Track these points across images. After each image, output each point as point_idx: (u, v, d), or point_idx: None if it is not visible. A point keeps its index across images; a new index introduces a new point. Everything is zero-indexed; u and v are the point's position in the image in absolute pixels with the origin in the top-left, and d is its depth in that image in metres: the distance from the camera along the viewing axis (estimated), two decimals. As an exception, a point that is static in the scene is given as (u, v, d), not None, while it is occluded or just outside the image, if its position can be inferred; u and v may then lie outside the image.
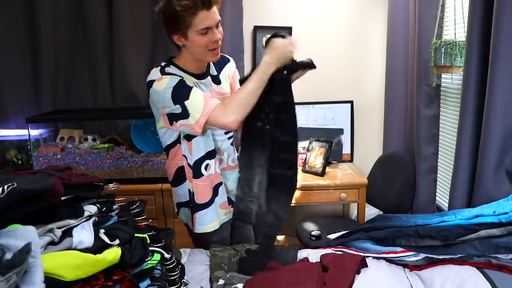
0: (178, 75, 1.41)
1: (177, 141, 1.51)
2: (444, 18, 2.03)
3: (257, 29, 2.53)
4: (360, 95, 2.67)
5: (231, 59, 1.64)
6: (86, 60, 2.46)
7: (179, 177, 1.57)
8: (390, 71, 2.55)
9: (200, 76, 1.50)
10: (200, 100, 1.36)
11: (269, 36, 1.44)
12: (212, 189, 1.56)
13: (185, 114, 1.38)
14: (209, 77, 1.53)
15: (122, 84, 2.47)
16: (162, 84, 1.38)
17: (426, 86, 2.08)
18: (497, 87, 1.48)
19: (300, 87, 2.61)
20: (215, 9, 1.34)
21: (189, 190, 1.57)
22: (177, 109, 1.38)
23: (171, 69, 1.45)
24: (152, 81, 1.40)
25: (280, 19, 2.54)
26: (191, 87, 1.39)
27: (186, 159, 1.52)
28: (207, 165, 1.52)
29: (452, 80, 2.06)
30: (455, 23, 1.91)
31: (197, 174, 1.52)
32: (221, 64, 1.59)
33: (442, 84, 2.10)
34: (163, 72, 1.41)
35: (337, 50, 2.62)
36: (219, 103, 1.38)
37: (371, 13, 2.59)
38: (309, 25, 2.57)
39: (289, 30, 2.52)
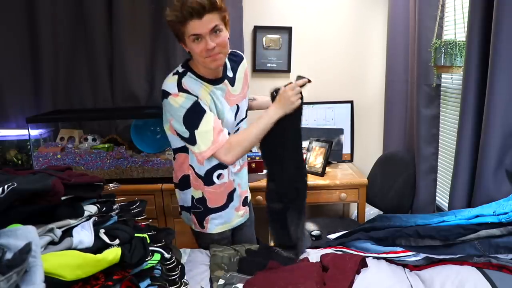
0: (194, 95, 1.38)
1: (185, 148, 1.51)
2: (444, 18, 2.03)
3: (257, 29, 2.53)
4: (360, 95, 2.67)
5: (243, 57, 1.63)
6: (86, 60, 2.46)
7: (184, 184, 1.60)
8: (390, 71, 2.55)
9: (216, 82, 1.47)
10: (209, 133, 1.38)
11: (275, 89, 1.50)
12: (227, 195, 1.59)
13: (191, 141, 1.40)
14: (226, 81, 1.51)
15: (122, 84, 2.47)
16: (177, 101, 1.37)
17: (426, 86, 2.08)
18: (497, 87, 1.48)
19: (300, 87, 2.61)
20: (210, 17, 1.31)
21: (192, 197, 1.59)
22: (186, 133, 1.40)
23: (188, 79, 1.41)
24: (167, 93, 1.39)
25: (280, 19, 2.54)
26: (204, 112, 1.38)
27: (194, 169, 1.54)
28: (219, 174, 1.54)
29: (452, 80, 2.06)
30: (455, 23, 1.91)
31: (209, 182, 1.54)
32: (237, 63, 1.59)
33: (442, 84, 2.10)
34: (180, 87, 1.38)
35: (337, 50, 2.62)
36: (226, 141, 1.40)
37: (371, 13, 2.59)
38: (309, 25, 2.57)
39: (289, 30, 2.53)
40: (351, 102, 2.63)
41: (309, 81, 1.49)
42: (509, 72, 1.45)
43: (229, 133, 1.46)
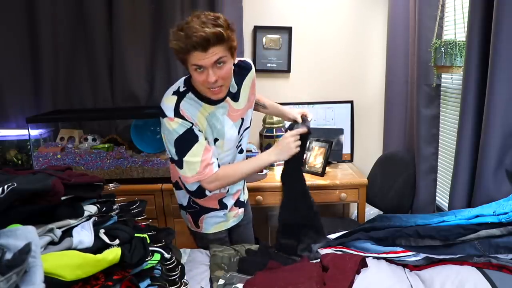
0: (189, 121, 1.37)
1: None
2: (444, 18, 2.03)
3: (257, 29, 2.53)
4: (360, 95, 2.67)
5: (252, 66, 1.57)
6: (86, 60, 2.46)
7: (180, 184, 1.60)
8: (390, 71, 2.55)
9: (217, 101, 1.44)
10: (197, 164, 1.39)
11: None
12: (218, 202, 1.60)
13: (179, 165, 1.42)
14: (227, 98, 1.47)
15: (122, 84, 2.47)
16: (172, 125, 1.37)
17: (426, 86, 2.08)
18: (497, 87, 1.48)
19: (300, 87, 2.62)
20: (214, 49, 1.26)
21: (189, 196, 1.59)
22: (175, 156, 1.41)
23: (186, 103, 1.38)
24: (164, 114, 1.38)
25: (280, 19, 2.54)
26: (196, 141, 1.38)
27: (184, 185, 1.54)
28: None
29: (452, 80, 2.06)
30: (455, 23, 1.91)
31: (201, 196, 1.55)
32: (243, 75, 1.53)
33: (442, 84, 2.10)
34: (176, 112, 1.36)
35: (337, 50, 2.62)
36: (213, 174, 1.41)
37: (371, 13, 2.59)
38: (309, 25, 2.57)
39: (289, 30, 2.53)
40: (351, 102, 2.63)
41: (309, 132, 1.52)
42: (509, 72, 1.45)
43: (219, 165, 1.46)
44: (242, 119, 1.55)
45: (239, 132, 1.54)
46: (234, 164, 1.55)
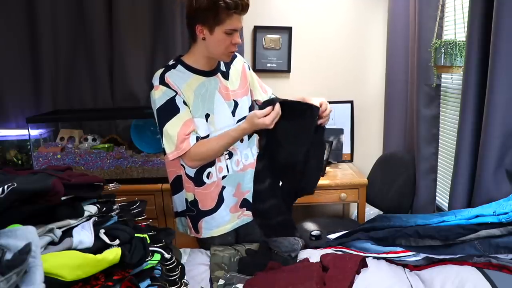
0: (173, 90, 1.41)
1: None
2: (444, 18, 2.03)
3: (257, 29, 2.53)
4: (360, 95, 2.67)
5: (237, 54, 1.65)
6: (86, 60, 2.46)
7: (177, 186, 1.60)
8: (390, 71, 2.55)
9: (209, 73, 1.51)
10: (174, 138, 1.41)
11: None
12: (218, 195, 1.57)
13: (161, 138, 1.45)
14: (219, 74, 1.54)
15: (122, 84, 2.47)
16: (156, 94, 1.42)
17: (426, 86, 2.08)
18: (497, 87, 1.48)
19: (301, 87, 2.62)
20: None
21: (186, 199, 1.58)
22: (159, 129, 1.44)
23: (173, 73, 1.44)
24: (152, 86, 1.44)
25: (280, 19, 2.54)
26: (177, 112, 1.41)
27: (184, 169, 1.54)
28: (209, 173, 1.53)
29: (452, 80, 2.06)
30: (455, 23, 1.91)
31: (200, 183, 1.53)
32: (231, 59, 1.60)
33: (442, 84, 2.11)
34: (161, 80, 1.42)
35: (337, 50, 2.62)
36: (190, 148, 1.42)
37: (371, 13, 2.59)
38: (309, 25, 2.57)
39: (289, 30, 2.53)
40: (351, 102, 2.63)
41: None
42: (509, 72, 1.45)
43: (197, 139, 1.46)
44: (236, 102, 1.56)
45: (233, 115, 1.55)
46: (212, 138, 1.50)
